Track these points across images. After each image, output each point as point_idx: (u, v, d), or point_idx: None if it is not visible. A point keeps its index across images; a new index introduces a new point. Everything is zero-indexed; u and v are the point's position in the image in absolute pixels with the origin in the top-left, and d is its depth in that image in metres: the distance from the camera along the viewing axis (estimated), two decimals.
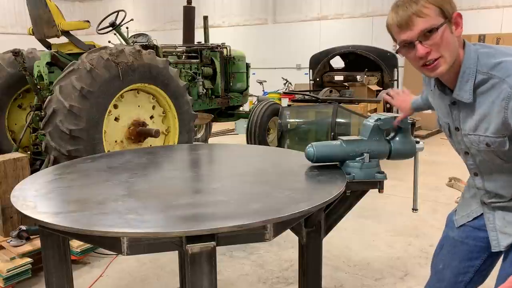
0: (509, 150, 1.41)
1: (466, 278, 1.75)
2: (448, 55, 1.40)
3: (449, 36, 1.38)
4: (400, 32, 1.40)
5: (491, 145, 1.44)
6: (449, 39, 1.38)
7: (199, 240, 1.45)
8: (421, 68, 1.44)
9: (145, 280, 3.28)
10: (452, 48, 1.40)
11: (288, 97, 8.16)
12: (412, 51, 1.41)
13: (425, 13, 1.35)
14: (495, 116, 1.39)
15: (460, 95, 1.46)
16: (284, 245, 3.78)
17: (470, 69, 1.42)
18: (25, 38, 6.51)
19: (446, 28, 1.37)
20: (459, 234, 1.76)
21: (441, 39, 1.37)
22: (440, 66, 1.41)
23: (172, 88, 4.55)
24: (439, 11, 1.36)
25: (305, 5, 13.65)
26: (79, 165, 2.40)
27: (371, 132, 2.19)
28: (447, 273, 1.78)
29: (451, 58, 1.41)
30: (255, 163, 2.52)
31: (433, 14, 1.36)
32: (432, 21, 1.36)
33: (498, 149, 1.43)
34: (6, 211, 3.39)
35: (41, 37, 4.53)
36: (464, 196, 1.78)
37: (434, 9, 1.36)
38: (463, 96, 1.45)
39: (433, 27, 1.36)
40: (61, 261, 1.95)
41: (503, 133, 1.40)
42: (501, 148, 1.42)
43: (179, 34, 6.70)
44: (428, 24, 1.36)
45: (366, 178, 2.13)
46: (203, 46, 6.36)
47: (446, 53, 1.40)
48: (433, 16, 1.36)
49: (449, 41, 1.38)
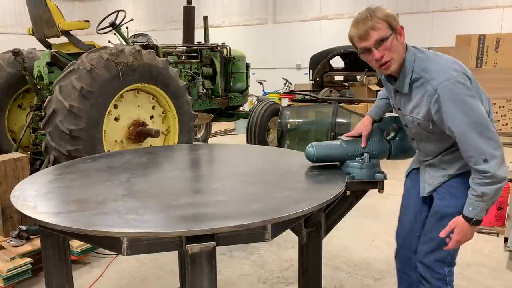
0: (432, 128, 1.93)
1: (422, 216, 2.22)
2: (396, 58, 1.89)
3: (396, 44, 1.87)
4: (360, 42, 1.87)
5: (421, 124, 1.96)
6: (396, 46, 1.87)
7: (199, 240, 1.45)
8: (378, 68, 1.92)
9: (145, 280, 3.28)
10: (399, 52, 1.89)
11: (288, 97, 8.16)
12: (370, 55, 1.88)
13: (378, 27, 1.83)
14: (423, 106, 1.89)
15: (400, 87, 1.97)
16: (284, 245, 3.78)
17: (408, 68, 1.91)
18: (25, 38, 6.50)
19: (393, 37, 1.85)
20: (409, 183, 2.31)
21: (390, 45, 1.85)
22: (391, 65, 1.90)
23: (172, 88, 4.54)
24: (388, 25, 1.83)
25: (305, 5, 13.65)
26: (79, 165, 2.40)
27: (371, 132, 2.20)
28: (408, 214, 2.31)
29: (399, 60, 1.90)
30: (255, 163, 2.52)
31: (384, 28, 1.83)
32: (383, 32, 1.83)
33: (425, 127, 1.95)
34: (6, 211, 3.39)
35: (41, 37, 4.52)
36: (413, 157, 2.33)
37: (384, 24, 1.83)
38: (402, 87, 1.96)
39: (384, 37, 1.83)
40: (61, 261, 1.95)
41: (428, 118, 1.90)
42: (427, 127, 1.95)
43: (179, 34, 6.69)
44: (380, 35, 1.83)
45: (366, 178, 2.13)
46: (203, 46, 6.36)
47: (395, 56, 1.88)
48: (383, 29, 1.83)
49: (396, 47, 1.87)
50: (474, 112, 1.78)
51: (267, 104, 6.50)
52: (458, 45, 9.74)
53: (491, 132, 1.80)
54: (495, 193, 1.81)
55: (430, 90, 1.82)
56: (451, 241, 1.92)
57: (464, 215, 1.88)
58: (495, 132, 1.82)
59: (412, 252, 2.27)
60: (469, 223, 1.86)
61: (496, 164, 1.77)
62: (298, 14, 13.81)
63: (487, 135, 1.78)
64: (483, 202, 1.82)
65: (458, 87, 1.78)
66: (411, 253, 2.28)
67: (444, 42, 10.12)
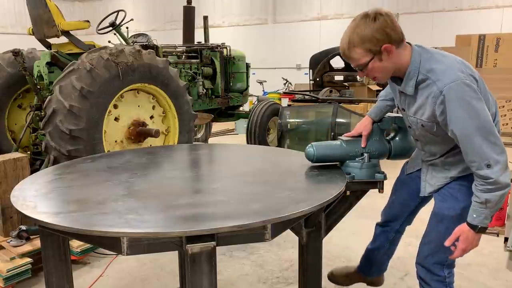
0: (436, 130, 1.91)
1: (409, 209, 2.37)
2: (381, 75, 1.92)
3: (378, 65, 1.85)
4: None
5: (425, 126, 1.94)
6: (379, 67, 1.86)
7: (199, 240, 1.46)
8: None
9: (145, 280, 3.28)
10: (384, 70, 1.89)
11: (288, 97, 8.15)
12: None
13: (354, 57, 1.86)
14: (428, 107, 1.86)
15: (405, 89, 1.94)
16: (284, 245, 3.78)
17: (414, 70, 1.87)
18: (25, 38, 6.50)
19: (374, 61, 1.84)
20: (407, 177, 2.35)
21: (372, 69, 1.87)
22: (377, 79, 1.94)
23: (172, 88, 4.54)
24: (366, 51, 1.82)
25: (305, 5, 13.65)
26: (79, 165, 2.40)
27: (371, 132, 2.20)
28: (397, 203, 2.42)
29: (386, 76, 1.94)
30: (255, 163, 2.52)
31: (361, 56, 1.84)
32: (361, 61, 1.86)
33: (429, 129, 1.93)
34: (6, 211, 3.39)
35: (41, 37, 4.52)
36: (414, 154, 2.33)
37: (361, 51, 1.83)
38: (407, 90, 1.93)
39: (362, 64, 1.86)
40: (61, 261, 1.95)
41: (432, 119, 1.87)
42: (431, 129, 1.92)
43: (179, 34, 6.69)
44: (358, 63, 1.88)
45: (366, 178, 2.13)
46: (203, 46, 6.35)
47: (379, 74, 1.91)
48: (361, 57, 1.85)
49: (380, 68, 1.87)
50: (479, 116, 1.74)
51: (267, 104, 6.50)
52: (458, 45, 9.74)
53: (496, 137, 1.76)
54: (499, 200, 1.77)
55: (436, 91, 1.79)
56: (457, 250, 1.88)
57: (468, 222, 1.84)
58: (499, 137, 1.78)
59: (393, 230, 2.49)
60: (474, 230, 1.83)
61: (499, 169, 1.74)
62: (298, 14, 13.81)
63: (491, 140, 1.74)
64: (487, 209, 1.79)
65: (464, 89, 1.74)
66: (391, 230, 2.50)
67: (444, 42, 10.11)
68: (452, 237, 1.89)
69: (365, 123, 2.22)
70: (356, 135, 2.20)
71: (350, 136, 2.21)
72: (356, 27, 1.83)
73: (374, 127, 2.20)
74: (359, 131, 2.19)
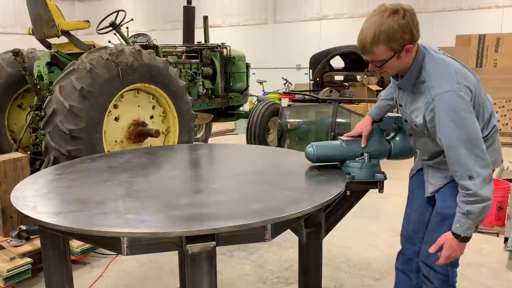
0: (427, 133, 1.93)
1: (427, 217, 2.22)
2: (392, 71, 1.92)
3: (395, 63, 1.84)
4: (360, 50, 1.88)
5: (417, 126, 1.96)
6: (395, 65, 1.85)
7: (199, 240, 1.45)
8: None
9: (145, 280, 3.28)
10: (397, 68, 1.88)
11: (288, 97, 8.16)
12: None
13: (374, 53, 1.81)
14: (421, 111, 1.88)
15: (403, 85, 1.98)
16: (284, 245, 3.78)
17: (414, 71, 1.89)
18: (25, 38, 6.50)
19: (393, 59, 1.82)
20: (414, 184, 2.31)
21: (388, 66, 1.85)
22: (386, 74, 1.96)
23: (172, 88, 4.54)
24: (389, 49, 1.78)
25: (305, 5, 13.65)
26: (79, 165, 2.40)
27: (371, 132, 2.19)
28: (413, 214, 2.31)
29: (395, 72, 1.93)
30: (255, 163, 2.52)
31: (382, 53, 1.80)
32: (381, 57, 1.81)
33: (420, 130, 1.96)
34: (6, 211, 3.39)
35: (41, 37, 4.52)
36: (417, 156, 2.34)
37: (384, 49, 1.78)
38: (405, 87, 1.97)
39: (381, 62, 1.83)
40: (61, 261, 1.95)
41: (424, 124, 1.89)
42: (422, 131, 1.95)
43: (179, 34, 6.69)
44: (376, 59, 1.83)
45: (366, 178, 2.13)
46: (203, 46, 6.36)
47: (391, 71, 1.92)
48: (382, 53, 1.80)
49: (394, 66, 1.86)
50: (467, 128, 1.76)
51: (267, 104, 6.50)
52: (458, 45, 9.74)
53: (481, 150, 1.77)
54: (480, 212, 1.79)
55: (428, 98, 1.82)
56: (441, 257, 1.91)
57: (452, 231, 1.87)
58: (486, 152, 1.79)
59: (415, 254, 2.28)
60: (458, 239, 1.86)
61: (479, 182, 1.75)
62: (298, 14, 13.81)
63: (476, 153, 1.76)
64: (470, 220, 1.81)
65: (456, 100, 1.75)
66: (413, 255, 2.30)
67: (444, 42, 10.11)
68: (436, 244, 1.92)
69: (365, 123, 2.22)
70: (356, 135, 2.20)
71: (350, 136, 2.21)
72: (383, 23, 1.75)
73: (374, 127, 2.20)
74: (359, 131, 2.19)
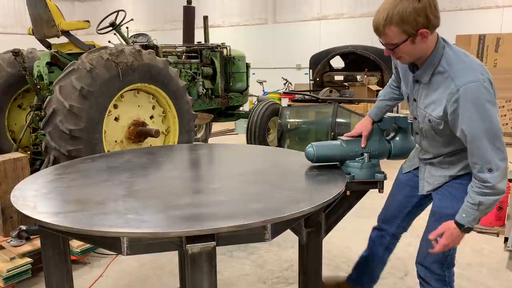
0: (442, 129, 1.90)
1: (406, 210, 2.34)
2: (407, 57, 1.87)
3: (409, 47, 1.80)
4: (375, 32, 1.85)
5: (432, 122, 1.92)
6: (408, 49, 1.81)
7: (199, 240, 1.45)
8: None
9: (145, 280, 3.28)
10: (412, 53, 1.84)
11: (288, 97, 8.16)
12: None
13: (388, 35, 1.79)
14: (441, 103, 1.83)
15: (420, 76, 1.92)
16: (284, 245, 3.78)
17: (433, 62, 1.85)
18: (25, 38, 6.50)
19: (407, 43, 1.78)
20: (405, 178, 2.34)
21: (401, 50, 1.82)
22: (402, 60, 1.91)
23: (172, 88, 4.54)
24: (402, 31, 1.76)
25: (305, 5, 13.65)
26: (79, 165, 2.40)
27: (371, 132, 2.20)
28: (394, 204, 2.40)
29: (411, 58, 1.88)
30: (255, 163, 2.52)
31: (395, 35, 1.77)
32: (393, 40, 1.79)
33: (435, 126, 1.91)
34: (6, 211, 3.39)
35: (41, 37, 4.52)
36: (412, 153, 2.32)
37: (397, 31, 1.76)
38: (423, 78, 1.91)
39: (394, 45, 1.80)
40: (61, 261, 1.95)
41: (442, 117, 1.85)
42: (437, 126, 1.90)
43: (179, 34, 6.69)
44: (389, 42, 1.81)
45: (366, 178, 2.13)
46: (203, 46, 6.35)
47: (406, 56, 1.86)
48: (395, 37, 1.78)
49: (408, 51, 1.82)
50: (491, 120, 1.75)
51: (267, 104, 6.50)
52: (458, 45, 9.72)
53: (502, 143, 1.78)
54: (491, 204, 1.80)
55: (452, 88, 1.78)
56: (438, 244, 1.92)
57: (456, 220, 1.87)
58: (504, 144, 1.80)
59: (389, 235, 2.45)
60: (460, 229, 1.86)
61: (498, 175, 1.76)
62: (298, 14, 13.81)
63: (496, 145, 1.76)
64: (478, 211, 1.82)
65: (481, 91, 1.74)
66: (387, 234, 2.46)
67: None
68: (437, 231, 1.93)
69: (365, 123, 2.22)
70: (356, 135, 2.20)
71: (350, 136, 2.21)
72: (397, 4, 1.74)
73: (374, 127, 2.20)
74: (359, 131, 2.19)
